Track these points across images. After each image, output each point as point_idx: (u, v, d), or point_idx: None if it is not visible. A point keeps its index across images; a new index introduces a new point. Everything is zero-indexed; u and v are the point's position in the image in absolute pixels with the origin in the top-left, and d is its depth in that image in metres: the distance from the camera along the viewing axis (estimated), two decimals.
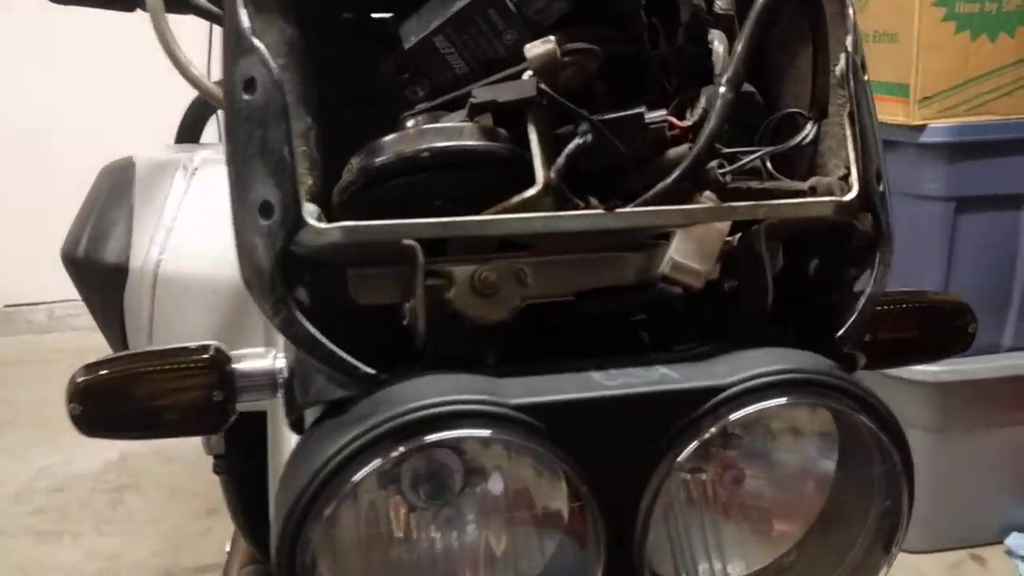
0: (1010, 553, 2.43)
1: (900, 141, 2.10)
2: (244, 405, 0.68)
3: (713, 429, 0.60)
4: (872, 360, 0.73)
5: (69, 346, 3.85)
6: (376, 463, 0.56)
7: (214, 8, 0.95)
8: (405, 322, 0.62)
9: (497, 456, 0.62)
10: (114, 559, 2.56)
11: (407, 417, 0.56)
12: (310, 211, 0.59)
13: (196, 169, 1.05)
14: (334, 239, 0.58)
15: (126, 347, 1.05)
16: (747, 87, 0.70)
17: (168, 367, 0.66)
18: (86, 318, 1.16)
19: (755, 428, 0.67)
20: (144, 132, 1.67)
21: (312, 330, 0.58)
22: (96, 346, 1.17)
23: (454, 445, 0.60)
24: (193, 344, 0.67)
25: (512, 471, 0.63)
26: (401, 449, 0.56)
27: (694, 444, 0.60)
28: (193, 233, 1.00)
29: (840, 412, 0.63)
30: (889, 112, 2.09)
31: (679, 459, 0.60)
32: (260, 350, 0.69)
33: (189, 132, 1.52)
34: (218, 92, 0.97)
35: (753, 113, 0.70)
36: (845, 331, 0.66)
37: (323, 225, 0.58)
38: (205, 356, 0.66)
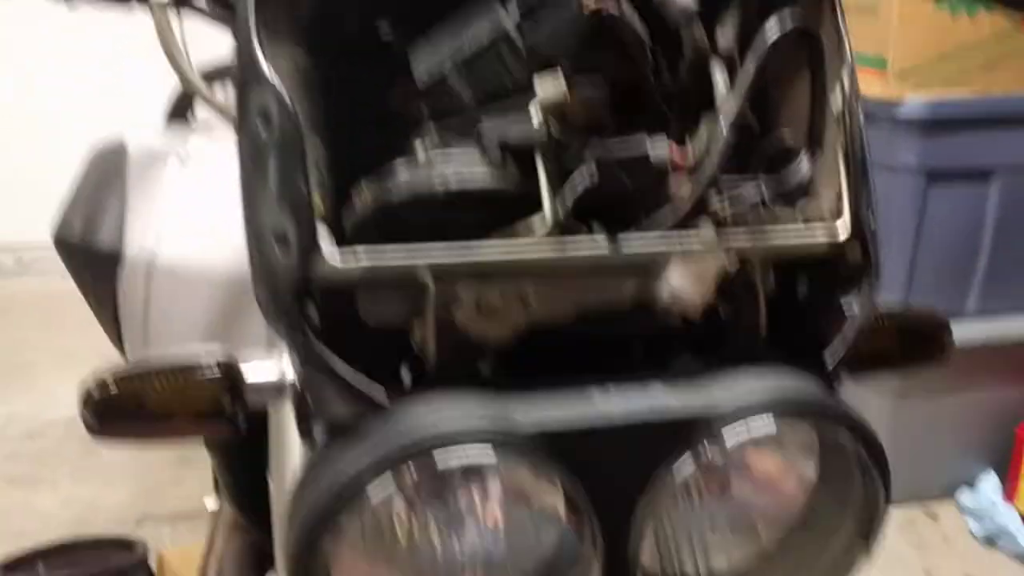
0: (961, 509, 2.54)
1: (876, 114, 2.13)
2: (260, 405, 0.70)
3: (709, 454, 0.63)
4: (851, 371, 0.77)
5: (38, 290, 3.82)
6: (391, 488, 0.59)
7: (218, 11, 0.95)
8: (415, 346, 0.64)
9: (514, 478, 0.65)
10: (90, 505, 2.59)
11: (424, 444, 0.59)
12: (325, 240, 0.61)
13: (190, 157, 1.05)
14: (350, 271, 0.60)
15: (119, 332, 1.06)
16: None
17: (180, 382, 0.67)
18: (54, 262, 1.14)
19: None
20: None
21: (329, 356, 0.61)
22: (66, 290, 1.15)
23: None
24: (203, 355, 0.69)
25: (509, 471, 0.66)
26: (415, 475, 0.59)
27: (691, 468, 0.63)
28: (188, 224, 1.01)
29: (828, 433, 0.66)
30: (866, 84, 2.12)
31: (676, 480, 0.64)
32: (266, 354, 0.71)
33: (179, 112, 1.51)
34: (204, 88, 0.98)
35: (747, 139, 0.72)
36: (832, 353, 0.69)
37: (339, 261, 0.60)
38: (217, 368, 0.68)
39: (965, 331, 2.23)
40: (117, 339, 1.06)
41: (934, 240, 2.25)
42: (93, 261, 1.04)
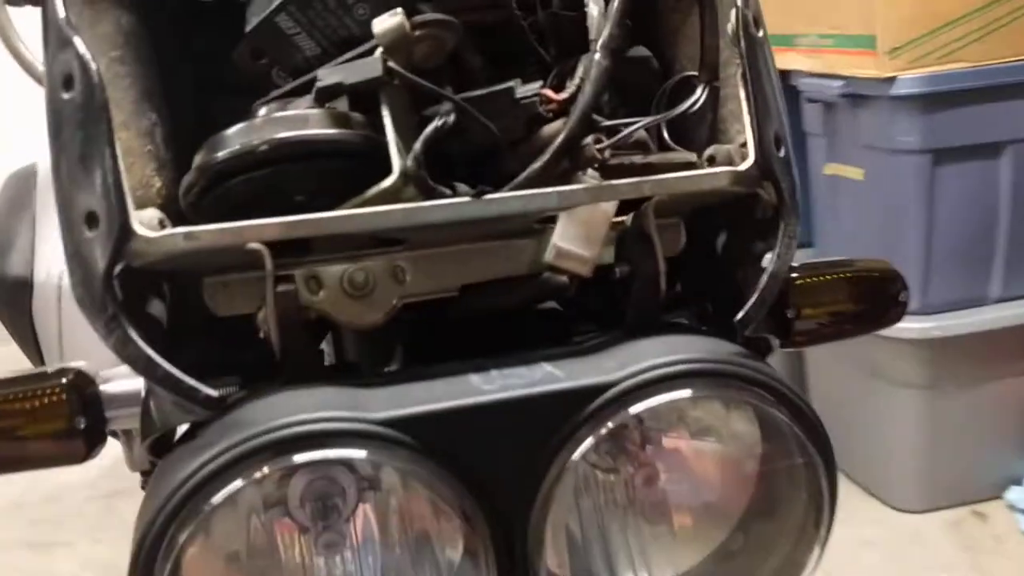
0: (1011, 507, 2.38)
1: (871, 95, 2.04)
2: (124, 423, 0.63)
3: (602, 430, 0.55)
4: (798, 338, 0.68)
5: None
6: (220, 496, 0.51)
7: None
8: (261, 334, 0.57)
9: (390, 474, 0.57)
10: (109, 567, 2.54)
11: (252, 443, 0.51)
12: (144, 219, 0.54)
13: None
14: (168, 248, 0.53)
15: (42, 361, 1.01)
16: (643, 51, 0.65)
17: (24, 396, 0.60)
18: None
19: (671, 424, 0.62)
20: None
21: (148, 351, 0.53)
22: None
23: (330, 463, 0.55)
24: (52, 368, 0.62)
25: (408, 489, 0.58)
26: (250, 477, 0.52)
27: (585, 446, 0.55)
28: None
29: (745, 404, 0.58)
30: (858, 66, 2.03)
31: (569, 462, 0.55)
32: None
33: None
34: None
35: (649, 80, 0.64)
36: (746, 312, 0.60)
37: (153, 234, 0.52)
38: (64, 381, 0.61)
39: (991, 317, 2.10)
40: (40, 363, 1.01)
41: (947, 225, 2.13)
42: (5, 289, 0.99)
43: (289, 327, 0.56)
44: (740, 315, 0.60)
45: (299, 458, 0.52)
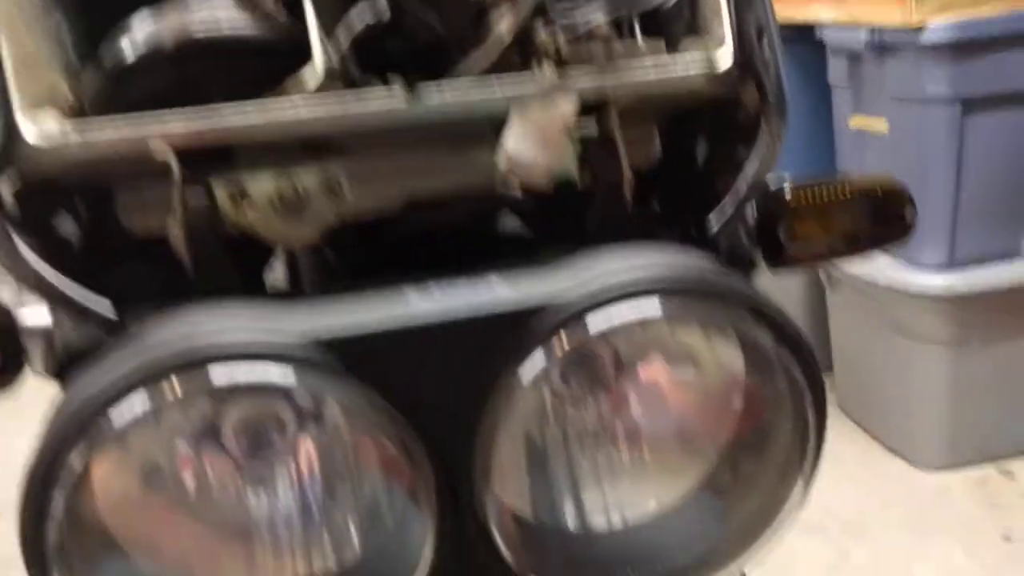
0: None
1: (899, 43, 1.95)
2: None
3: (554, 353, 0.48)
4: (796, 258, 0.61)
5: None
6: (123, 410, 0.46)
7: None
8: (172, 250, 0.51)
9: (330, 413, 0.51)
10: None
11: (158, 361, 0.45)
12: (42, 127, 0.48)
13: None
14: (64, 157, 0.47)
15: None
16: None
17: None
18: None
19: (647, 352, 0.55)
20: None
21: (38, 266, 0.48)
22: None
23: (258, 391, 0.49)
24: None
25: (351, 424, 0.52)
26: (146, 407, 0.46)
27: (533, 369, 0.49)
28: None
29: (720, 324, 0.51)
30: (885, 14, 1.94)
31: (518, 388, 0.49)
32: None
33: None
34: None
35: None
36: (725, 222, 0.53)
37: (44, 143, 0.47)
38: None
39: (1020, 272, 2.02)
40: None
41: (976, 177, 2.04)
42: None
43: (201, 241, 0.50)
44: (717, 225, 0.53)
45: (217, 374, 0.46)
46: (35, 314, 0.57)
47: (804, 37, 2.19)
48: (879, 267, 2.13)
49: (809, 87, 2.23)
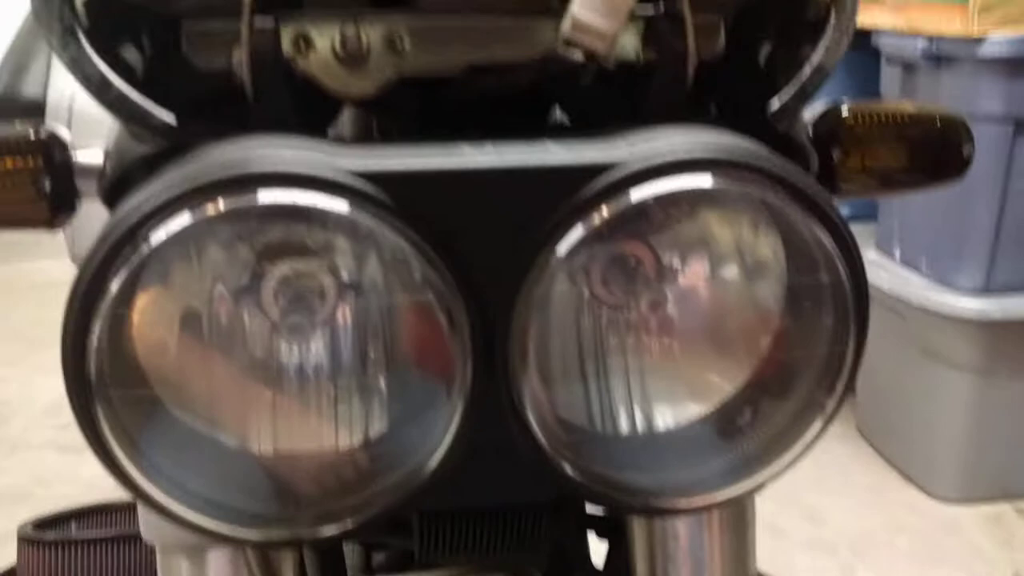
0: None
1: (956, 54, 1.93)
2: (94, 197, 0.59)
3: (604, 213, 0.48)
4: (843, 186, 0.61)
5: None
6: (183, 221, 0.46)
7: None
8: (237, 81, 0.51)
9: (372, 272, 0.51)
10: None
11: (205, 176, 0.45)
12: None
13: None
14: None
15: None
16: None
17: None
18: None
19: (684, 245, 0.54)
20: None
21: (103, 68, 0.48)
22: None
23: (292, 215, 0.48)
24: (21, 124, 0.58)
25: (392, 291, 0.52)
26: (201, 212, 0.46)
27: (578, 231, 0.48)
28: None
29: (771, 206, 0.50)
30: (946, 23, 1.92)
31: (560, 247, 0.49)
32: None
33: None
34: None
35: None
36: (783, 104, 0.53)
37: None
38: (32, 137, 0.56)
39: None
40: None
41: (1020, 201, 2.02)
42: (18, 111, 0.96)
43: (265, 75, 0.50)
44: (776, 106, 0.53)
45: (264, 197, 0.46)
46: (91, 154, 0.58)
47: (859, 44, 2.18)
48: (913, 286, 2.10)
49: (860, 97, 2.22)
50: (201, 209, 0.46)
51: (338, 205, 0.46)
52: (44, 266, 4.11)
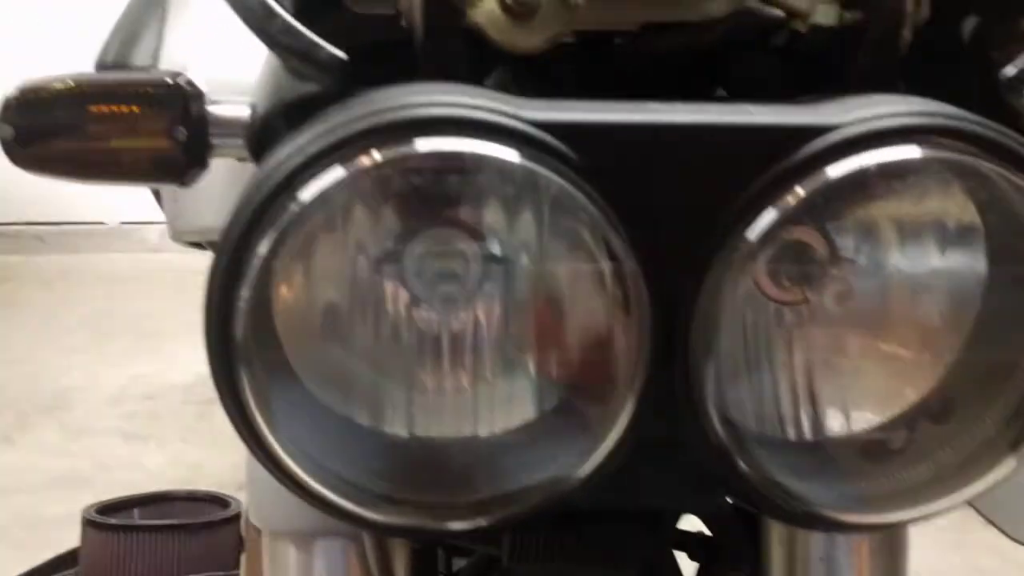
0: None
1: None
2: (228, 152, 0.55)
3: (801, 191, 0.43)
4: None
5: (176, 266, 3.92)
6: (336, 175, 0.42)
7: None
8: (403, 23, 0.47)
9: (526, 239, 0.47)
10: (195, 467, 2.58)
11: (372, 119, 0.41)
12: None
13: None
14: None
15: None
16: None
17: (121, 93, 0.53)
18: None
19: (870, 226, 0.49)
20: None
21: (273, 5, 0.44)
22: (200, 267, 1.07)
23: (459, 172, 0.44)
24: (158, 71, 0.54)
25: (543, 266, 0.47)
26: (373, 157, 0.42)
27: (786, 204, 0.43)
28: (220, 41, 0.89)
29: (991, 181, 0.44)
30: None
31: (762, 223, 0.44)
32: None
33: None
34: None
35: None
36: (1019, 70, 0.47)
37: None
38: (169, 82, 0.53)
39: None
40: None
41: None
42: None
43: (437, 15, 0.46)
44: (1010, 72, 0.47)
45: (422, 145, 0.42)
46: (228, 108, 0.54)
47: None
48: None
49: None
50: (359, 158, 0.42)
51: (517, 157, 0.42)
52: (113, 258, 4.18)
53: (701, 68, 0.52)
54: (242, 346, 0.44)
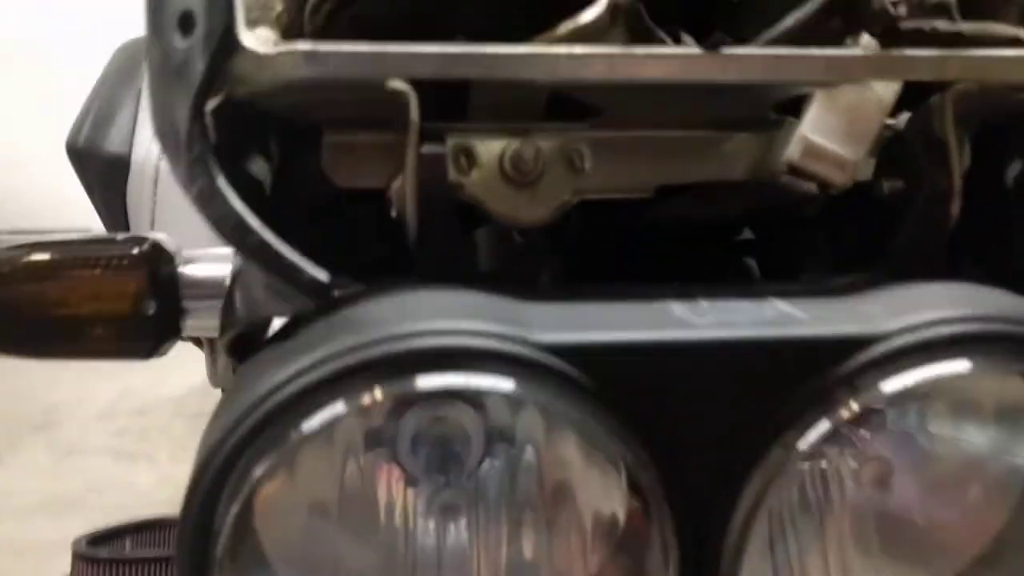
0: None
1: None
2: (204, 318, 0.50)
3: (855, 404, 0.39)
4: None
5: None
6: (315, 423, 0.37)
7: None
8: (393, 212, 0.42)
9: (531, 421, 0.43)
10: (185, 486, 2.53)
11: (366, 353, 0.37)
12: (256, 34, 0.39)
13: None
14: (283, 71, 0.38)
15: None
16: None
17: (85, 264, 0.48)
18: None
19: (910, 401, 0.45)
20: None
21: (240, 207, 0.39)
22: None
23: (453, 396, 0.40)
24: (124, 235, 0.49)
25: (550, 445, 0.43)
26: (355, 402, 0.37)
27: (825, 424, 0.39)
28: None
29: None
30: None
31: (801, 446, 0.39)
32: (224, 251, 0.50)
33: None
34: None
35: None
36: None
37: (266, 49, 0.38)
38: (135, 252, 0.48)
39: None
40: None
41: None
42: (100, 166, 0.88)
43: (432, 204, 0.41)
44: None
45: (426, 382, 0.37)
46: (203, 269, 0.50)
47: None
48: None
49: None
50: (360, 394, 0.37)
51: (527, 390, 0.37)
52: None
53: (728, 241, 0.48)
54: (221, 563, 0.40)
